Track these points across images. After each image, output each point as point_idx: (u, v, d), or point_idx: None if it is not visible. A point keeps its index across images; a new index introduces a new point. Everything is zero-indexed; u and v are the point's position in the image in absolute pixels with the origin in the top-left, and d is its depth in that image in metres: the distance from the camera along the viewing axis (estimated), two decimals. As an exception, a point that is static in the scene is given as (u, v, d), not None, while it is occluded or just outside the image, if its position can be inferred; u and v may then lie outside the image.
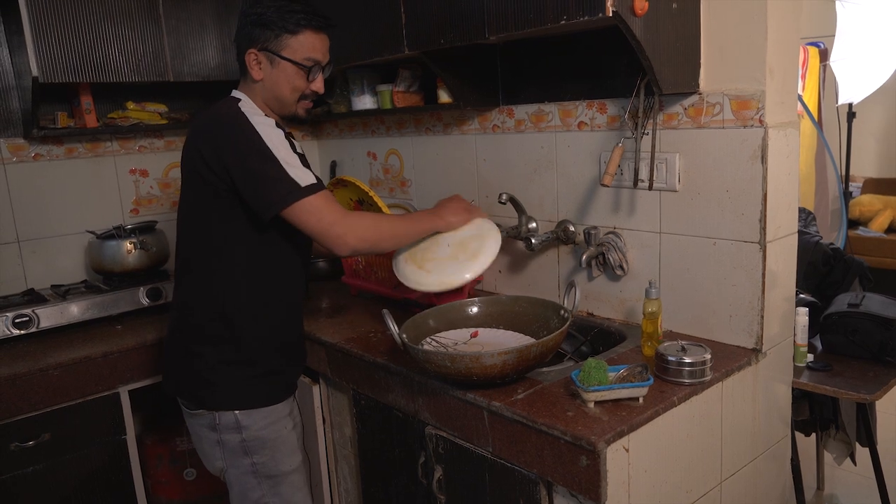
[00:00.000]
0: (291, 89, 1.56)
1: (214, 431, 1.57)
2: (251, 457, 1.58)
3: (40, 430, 1.88)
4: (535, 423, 1.31)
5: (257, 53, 1.53)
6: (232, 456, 1.59)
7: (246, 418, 1.56)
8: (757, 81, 1.50)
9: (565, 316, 1.54)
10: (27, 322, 2.04)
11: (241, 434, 1.56)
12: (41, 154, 2.34)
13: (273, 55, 1.52)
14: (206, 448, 1.63)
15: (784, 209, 1.58)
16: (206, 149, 1.46)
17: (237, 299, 1.55)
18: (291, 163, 1.44)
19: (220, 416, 1.55)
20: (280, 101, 1.57)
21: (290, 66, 1.53)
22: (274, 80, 1.54)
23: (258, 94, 1.57)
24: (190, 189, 1.54)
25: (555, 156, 1.95)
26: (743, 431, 1.58)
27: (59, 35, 2.03)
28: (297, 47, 1.53)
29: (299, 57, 1.53)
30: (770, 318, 1.59)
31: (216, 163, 1.45)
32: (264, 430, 1.58)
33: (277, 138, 1.46)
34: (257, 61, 1.53)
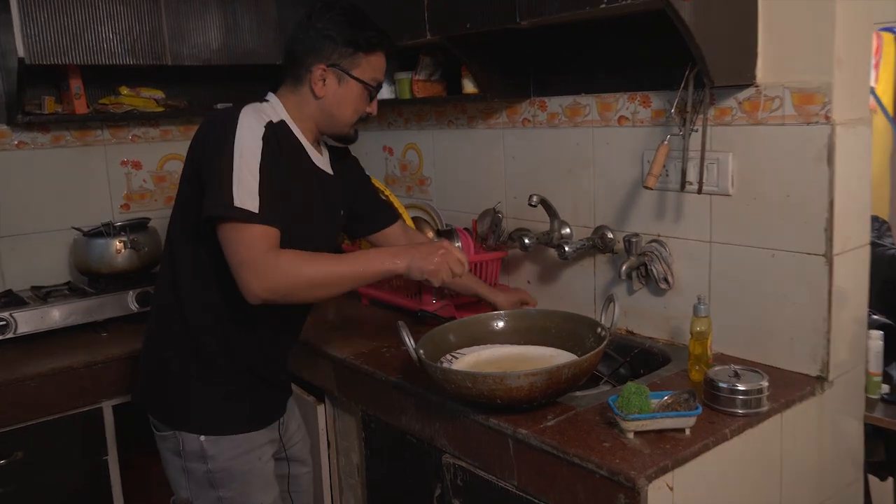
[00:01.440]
0: (354, 110, 1.59)
1: (179, 457, 1.56)
2: (217, 490, 1.56)
3: (12, 448, 1.90)
4: (567, 455, 1.30)
5: (325, 70, 1.54)
6: (197, 487, 1.57)
7: (212, 446, 1.54)
8: (823, 72, 1.48)
9: (602, 334, 1.53)
10: (4, 327, 2.07)
11: (206, 464, 1.54)
12: (25, 142, 2.38)
13: (343, 73, 1.55)
14: (172, 474, 1.62)
15: (854, 217, 1.56)
16: (195, 145, 1.50)
17: (210, 309, 1.54)
18: (246, 178, 1.38)
19: (184, 441, 1.54)
20: (337, 120, 1.59)
21: (358, 87, 1.57)
22: (338, 100, 1.57)
23: (311, 109, 1.58)
24: (185, 185, 1.55)
25: (592, 154, 1.95)
26: (806, 472, 1.55)
27: (49, 13, 2.06)
28: (368, 67, 1.57)
29: (367, 77, 1.57)
30: (838, 342, 1.56)
31: (197, 157, 1.48)
32: (233, 462, 1.56)
33: (250, 149, 1.41)
34: (323, 78, 1.54)
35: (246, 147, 1.41)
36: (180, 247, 1.55)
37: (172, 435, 1.56)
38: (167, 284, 1.58)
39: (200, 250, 1.51)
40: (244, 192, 1.38)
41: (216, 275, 1.50)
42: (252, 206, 1.38)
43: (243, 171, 1.39)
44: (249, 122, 1.44)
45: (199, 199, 1.43)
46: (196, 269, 1.53)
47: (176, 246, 1.56)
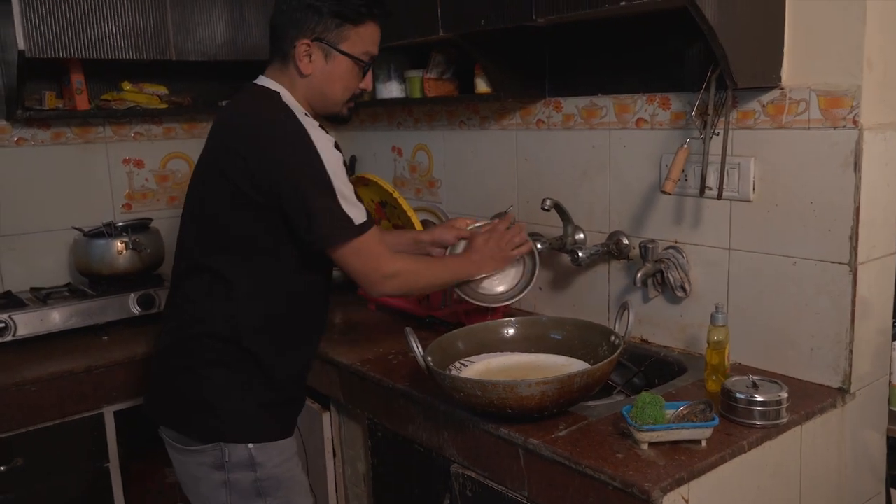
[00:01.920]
0: (344, 88, 1.56)
1: (220, 470, 1.51)
2: (264, 499, 1.54)
3: (12, 455, 1.92)
4: (579, 466, 1.31)
5: (310, 45, 1.50)
6: (241, 498, 1.53)
7: (261, 454, 1.52)
8: (851, 75, 1.48)
9: (616, 342, 1.55)
10: (2, 329, 2.09)
11: (255, 472, 1.52)
12: (25, 138, 2.41)
13: (330, 48, 1.51)
14: (204, 491, 1.57)
15: (880, 225, 1.56)
16: (252, 157, 1.44)
17: (260, 321, 1.53)
18: (347, 195, 1.47)
19: (229, 452, 1.50)
20: (327, 99, 1.57)
21: (347, 62, 1.53)
22: (326, 77, 1.54)
23: (300, 88, 1.54)
24: (215, 189, 1.51)
25: (608, 157, 1.96)
26: (826, 486, 1.56)
27: (50, 4, 2.08)
28: (357, 40, 1.53)
29: (358, 51, 1.53)
30: (861, 353, 1.57)
31: (264, 178, 1.44)
32: (280, 468, 1.55)
33: (336, 163, 1.47)
34: (308, 53, 1.50)
35: (335, 167, 1.46)
36: (223, 259, 1.52)
37: (214, 447, 1.51)
38: (208, 300, 1.53)
39: (252, 266, 1.51)
40: (352, 207, 1.48)
41: (268, 289, 1.53)
42: (362, 216, 1.49)
43: (343, 188, 1.46)
44: (321, 137, 1.46)
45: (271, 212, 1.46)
46: (255, 285, 1.52)
47: (214, 258, 1.52)
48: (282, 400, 1.59)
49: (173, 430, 1.58)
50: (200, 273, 1.55)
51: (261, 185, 1.44)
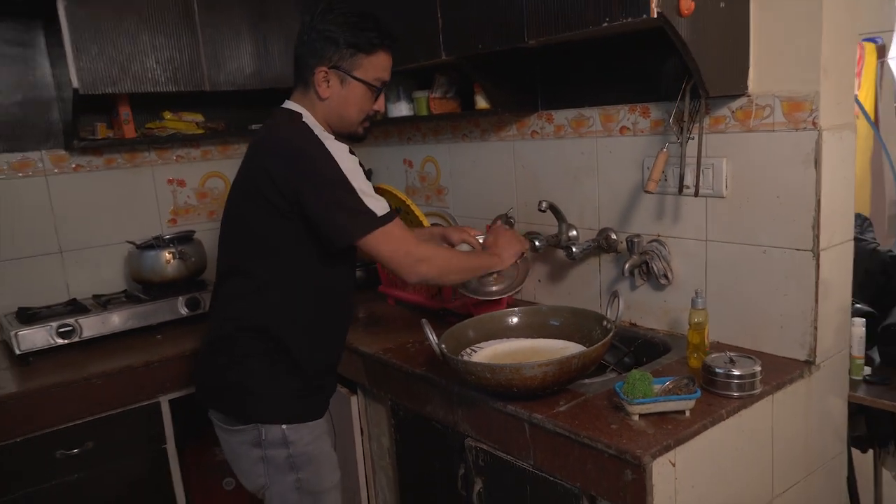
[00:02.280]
0: (358, 110, 1.57)
1: (258, 447, 1.56)
2: (297, 473, 1.57)
3: (84, 439, 1.96)
4: (578, 436, 1.33)
5: (328, 72, 1.51)
6: (277, 472, 1.57)
7: (293, 433, 1.56)
8: (810, 82, 1.48)
9: (608, 326, 1.55)
10: (70, 332, 2.13)
11: (287, 449, 1.56)
12: (81, 165, 2.44)
13: (345, 74, 1.52)
14: (245, 466, 1.61)
15: (839, 215, 1.56)
16: (276, 172, 1.45)
17: (291, 316, 1.55)
18: (367, 191, 1.46)
19: (265, 431, 1.54)
20: (344, 121, 1.58)
21: (361, 87, 1.54)
22: (342, 101, 1.55)
23: (319, 110, 1.56)
24: (249, 202, 1.53)
25: (596, 162, 1.96)
26: (795, 447, 1.57)
27: (99, 47, 2.11)
28: (370, 67, 1.53)
29: (370, 77, 1.54)
30: (824, 329, 1.57)
31: (287, 187, 1.44)
32: (310, 446, 1.59)
33: (352, 165, 1.47)
34: (326, 80, 1.52)
35: (351, 168, 1.46)
36: (258, 263, 1.54)
37: (253, 427, 1.55)
38: (245, 297, 1.56)
39: (281, 268, 1.53)
40: (375, 202, 1.46)
41: (305, 287, 1.54)
42: (384, 208, 1.48)
43: (363, 186, 1.46)
44: (336, 146, 1.47)
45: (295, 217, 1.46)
46: (284, 283, 1.53)
47: (251, 262, 1.55)
48: (312, 387, 1.61)
49: (219, 412, 1.63)
50: (238, 275, 1.57)
51: (284, 193, 1.45)
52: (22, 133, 2.33)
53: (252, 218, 1.53)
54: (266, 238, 1.52)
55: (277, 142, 1.50)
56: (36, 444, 1.89)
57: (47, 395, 1.90)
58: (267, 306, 1.54)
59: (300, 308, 1.56)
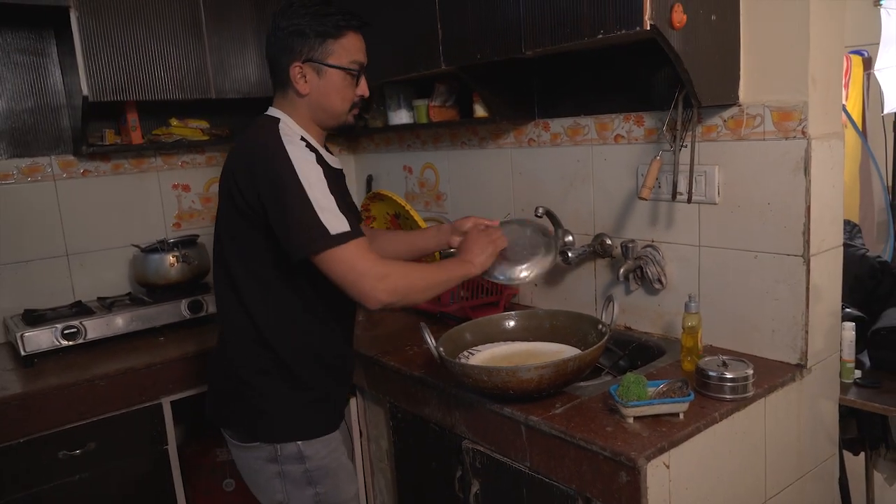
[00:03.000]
0: (342, 98, 1.48)
1: (275, 463, 1.49)
2: (315, 487, 1.51)
3: (86, 439, 1.94)
4: (574, 438, 1.32)
5: (302, 66, 1.43)
6: (295, 488, 1.50)
7: (308, 448, 1.49)
8: (799, 92, 1.49)
9: (603, 330, 1.54)
10: (75, 333, 2.11)
11: (304, 464, 1.49)
12: (89, 170, 2.43)
13: (319, 65, 1.43)
14: (261, 482, 1.54)
15: (828, 221, 1.56)
16: (241, 179, 1.39)
17: (285, 330, 1.47)
18: (325, 206, 1.33)
19: (281, 448, 1.48)
20: (330, 112, 1.48)
21: (338, 74, 1.45)
22: (323, 92, 1.46)
23: (303, 109, 1.47)
24: (224, 209, 1.47)
25: (591, 169, 1.96)
26: (788, 449, 1.56)
27: (108, 56, 2.11)
28: (342, 52, 1.45)
29: (346, 61, 1.45)
30: (815, 333, 1.56)
31: (251, 194, 1.37)
32: (326, 459, 1.52)
33: (314, 176, 1.35)
34: (302, 75, 1.44)
35: (310, 176, 1.34)
36: (242, 275, 1.46)
37: (268, 444, 1.48)
38: (234, 310, 1.48)
39: (265, 276, 1.45)
40: (332, 217, 1.33)
41: (285, 293, 1.45)
42: (343, 226, 1.33)
43: (319, 198, 1.33)
44: (299, 151, 1.36)
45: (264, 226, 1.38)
46: (264, 292, 1.45)
47: (236, 274, 1.46)
48: (320, 397, 1.53)
49: (230, 431, 1.56)
50: (228, 289, 1.50)
51: (249, 200, 1.38)
52: (32, 139, 2.33)
53: (227, 224, 1.46)
54: (244, 247, 1.45)
55: (244, 148, 1.43)
56: (38, 445, 1.87)
57: (50, 396, 1.88)
58: (259, 321, 1.46)
59: (290, 321, 1.47)
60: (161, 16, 2.20)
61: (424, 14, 1.90)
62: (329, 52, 1.44)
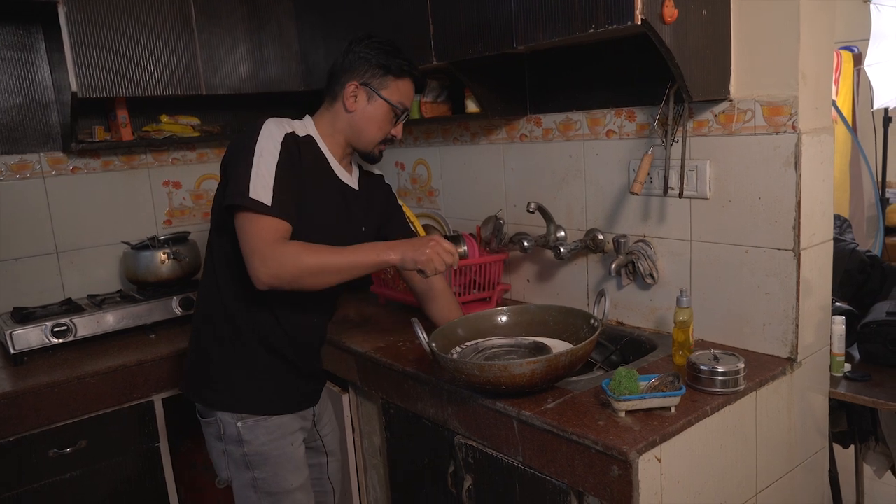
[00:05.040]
0: (379, 129, 1.60)
1: (220, 441, 1.59)
2: (252, 471, 1.58)
3: (77, 437, 1.93)
4: (566, 433, 1.31)
5: (357, 87, 1.56)
6: (235, 468, 1.60)
7: (248, 433, 1.56)
8: (789, 87, 1.49)
9: (595, 325, 1.54)
10: (65, 331, 2.10)
11: (242, 448, 1.57)
12: (79, 167, 2.41)
13: (373, 92, 1.57)
14: (215, 457, 1.65)
15: (818, 216, 1.56)
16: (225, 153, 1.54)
17: (240, 295, 1.54)
18: (262, 174, 1.40)
19: (224, 427, 1.57)
20: (364, 137, 1.60)
21: (385, 106, 1.58)
22: (366, 116, 1.58)
23: (341, 123, 1.59)
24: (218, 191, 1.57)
25: (583, 164, 1.96)
26: (778, 442, 1.56)
27: (98, 51, 2.09)
28: (395, 91, 1.58)
29: (395, 99, 1.59)
30: (805, 327, 1.57)
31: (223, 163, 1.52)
32: (267, 446, 1.58)
33: (269, 150, 1.44)
34: (354, 94, 1.57)
35: (265, 148, 1.44)
36: (214, 241, 1.58)
37: (214, 420, 1.58)
38: (208, 278, 1.61)
39: (227, 241, 1.53)
40: (259, 186, 1.40)
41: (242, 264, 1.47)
42: (265, 198, 1.39)
43: (261, 168, 1.41)
44: (270, 129, 1.48)
45: None
46: (226, 259, 1.55)
47: (212, 240, 1.59)
48: (268, 376, 1.59)
49: (197, 402, 1.64)
50: (207, 268, 1.62)
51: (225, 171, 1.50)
52: (21, 135, 2.31)
53: (217, 205, 1.56)
54: (219, 222, 1.55)
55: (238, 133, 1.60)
56: (29, 444, 1.86)
57: (41, 394, 1.87)
58: (219, 291, 1.57)
59: (242, 285, 1.50)
60: (150, 11, 2.19)
61: (415, 9, 1.90)
62: (385, 85, 1.58)
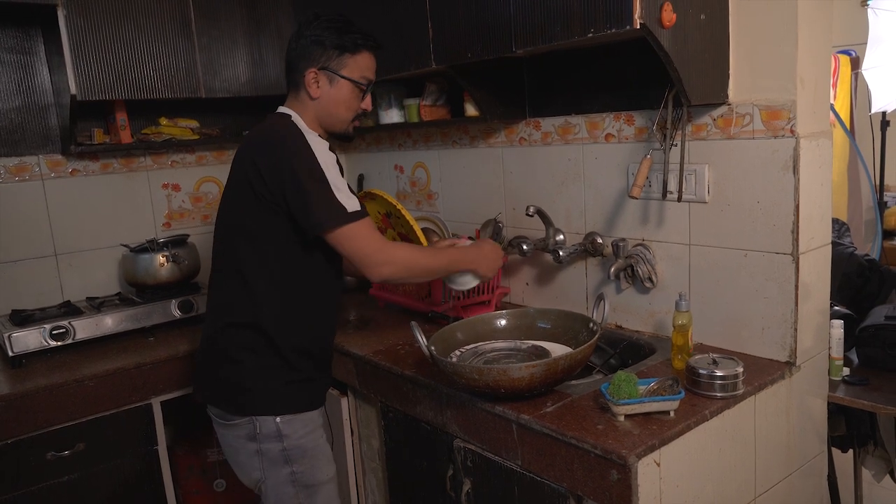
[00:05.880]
0: (347, 108, 1.61)
1: (254, 441, 1.57)
2: (291, 465, 1.58)
3: (75, 440, 1.92)
4: (565, 437, 1.31)
5: (317, 72, 1.56)
6: (272, 465, 1.58)
7: (287, 426, 1.57)
8: (787, 91, 1.49)
9: (594, 329, 1.54)
10: (64, 334, 2.09)
11: (282, 443, 1.56)
12: (78, 169, 2.41)
13: (333, 74, 1.57)
14: (242, 459, 1.61)
15: (817, 220, 1.56)
16: (262, 162, 1.49)
17: (275, 308, 1.56)
18: (340, 187, 1.48)
19: (260, 425, 1.56)
20: (335, 119, 1.61)
21: (348, 85, 1.58)
22: (332, 99, 1.59)
23: (311, 111, 1.60)
24: (237, 197, 1.56)
25: (582, 168, 1.96)
26: (777, 446, 1.56)
27: (97, 54, 2.09)
28: (355, 67, 1.58)
29: (357, 76, 1.59)
30: (804, 331, 1.57)
31: (271, 177, 1.48)
32: (304, 439, 1.59)
33: (330, 161, 1.50)
34: (316, 80, 1.57)
35: (327, 162, 1.48)
36: (248, 255, 1.55)
37: (248, 421, 1.56)
38: (235, 292, 1.58)
39: (267, 261, 1.54)
40: (347, 198, 1.48)
41: (290, 281, 1.56)
42: (356, 206, 1.49)
43: (336, 181, 1.48)
44: (316, 140, 1.51)
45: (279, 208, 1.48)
46: (270, 277, 1.55)
47: (242, 254, 1.56)
48: (302, 378, 1.60)
49: (215, 408, 1.63)
50: (228, 273, 1.59)
51: (269, 184, 1.48)
52: (20, 138, 2.31)
53: (243, 212, 1.55)
54: (254, 231, 1.54)
55: (264, 136, 1.54)
56: (27, 446, 1.85)
57: (39, 396, 1.86)
58: (252, 300, 1.56)
59: (283, 301, 1.56)
60: (150, 14, 2.19)
61: (415, 13, 1.90)
62: (343, 64, 1.57)
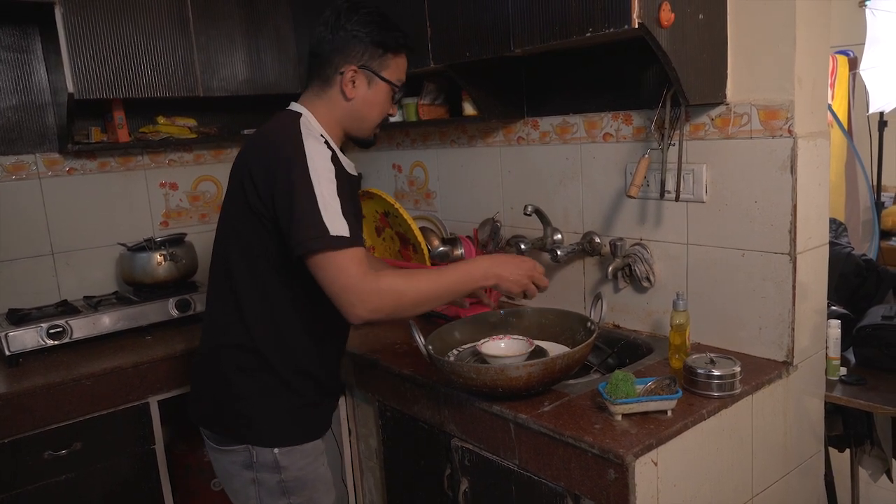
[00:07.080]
0: (380, 112, 1.46)
1: (250, 470, 1.44)
2: (289, 497, 1.45)
3: (72, 440, 1.92)
4: (562, 436, 1.31)
5: (356, 71, 1.40)
6: (268, 496, 1.45)
7: (285, 458, 1.43)
8: (785, 91, 1.49)
9: (592, 328, 1.54)
10: (61, 333, 2.09)
11: (279, 474, 1.43)
12: (75, 168, 2.41)
13: (373, 75, 1.41)
14: (237, 486, 1.49)
15: (814, 220, 1.56)
16: (257, 175, 1.34)
17: (271, 327, 1.42)
18: (329, 205, 1.27)
19: (257, 454, 1.42)
20: (365, 122, 1.46)
21: (386, 88, 1.44)
22: (367, 101, 1.43)
23: (338, 111, 1.43)
24: (234, 204, 1.42)
25: (580, 167, 1.96)
26: (774, 446, 1.56)
27: (94, 52, 2.08)
28: (395, 69, 1.44)
29: (395, 78, 1.45)
30: (801, 331, 1.57)
31: (265, 193, 1.32)
32: (303, 471, 1.46)
33: (326, 174, 1.30)
34: (353, 80, 1.40)
35: (321, 173, 1.29)
36: (236, 264, 1.41)
37: (244, 449, 1.43)
38: (228, 309, 1.43)
39: (266, 276, 1.39)
40: (333, 219, 1.26)
41: (285, 299, 1.40)
42: (343, 230, 1.26)
43: (326, 197, 1.27)
44: (316, 147, 1.32)
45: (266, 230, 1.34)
46: (263, 294, 1.40)
47: (236, 272, 1.41)
48: (304, 404, 1.47)
49: (209, 431, 1.51)
50: (225, 287, 1.45)
51: (263, 198, 1.33)
52: (17, 136, 2.30)
53: (236, 220, 1.41)
54: (250, 245, 1.39)
55: (263, 141, 1.39)
56: (24, 445, 1.85)
57: (36, 395, 1.86)
58: (247, 320, 1.41)
59: (280, 320, 1.42)
60: (147, 12, 2.19)
61: (413, 12, 1.90)
62: (386, 65, 1.42)
